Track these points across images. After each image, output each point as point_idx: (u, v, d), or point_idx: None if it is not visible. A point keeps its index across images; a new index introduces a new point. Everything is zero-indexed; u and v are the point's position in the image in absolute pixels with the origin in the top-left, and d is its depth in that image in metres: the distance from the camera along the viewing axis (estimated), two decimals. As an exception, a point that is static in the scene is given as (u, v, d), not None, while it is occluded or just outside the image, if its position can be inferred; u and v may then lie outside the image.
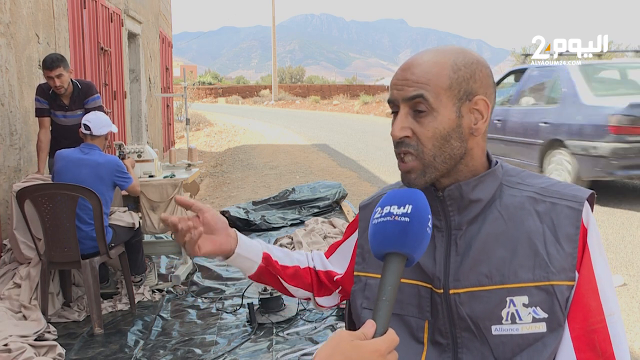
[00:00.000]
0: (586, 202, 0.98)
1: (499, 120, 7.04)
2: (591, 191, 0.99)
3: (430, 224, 0.83)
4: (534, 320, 0.94)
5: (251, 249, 1.16)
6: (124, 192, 3.79)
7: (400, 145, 0.99)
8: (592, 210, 0.99)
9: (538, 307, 0.94)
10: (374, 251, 0.83)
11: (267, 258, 1.18)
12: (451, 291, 0.99)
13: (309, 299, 1.27)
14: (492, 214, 0.99)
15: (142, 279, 3.89)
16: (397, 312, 1.04)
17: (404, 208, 0.82)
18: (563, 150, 5.98)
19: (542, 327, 0.94)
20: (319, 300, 1.26)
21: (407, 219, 0.81)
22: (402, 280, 1.03)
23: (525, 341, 0.94)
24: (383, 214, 0.84)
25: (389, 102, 1.02)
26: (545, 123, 6.25)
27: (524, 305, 0.94)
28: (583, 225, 0.96)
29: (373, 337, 0.75)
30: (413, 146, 0.98)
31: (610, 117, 5.47)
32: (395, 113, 1.02)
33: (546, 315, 0.94)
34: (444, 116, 0.96)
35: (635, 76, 6.58)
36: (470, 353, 0.98)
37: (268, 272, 1.19)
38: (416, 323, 1.03)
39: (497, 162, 1.05)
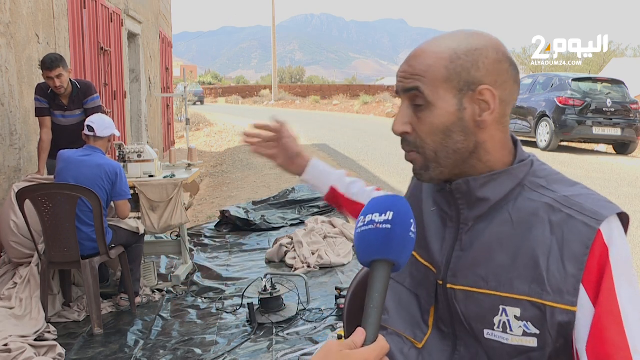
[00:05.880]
0: (611, 221, 0.87)
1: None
2: (618, 209, 0.88)
3: (413, 229, 0.81)
4: (525, 334, 0.89)
5: (320, 179, 1.36)
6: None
7: (402, 141, 0.98)
8: (626, 232, 0.89)
9: (529, 323, 0.89)
10: (360, 259, 0.82)
11: (332, 191, 1.35)
12: (448, 285, 0.97)
13: None
14: (502, 215, 0.93)
15: (137, 293, 3.71)
16: (412, 290, 1.04)
17: (385, 215, 0.80)
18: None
19: (532, 342, 0.89)
20: None
21: (388, 226, 0.80)
22: (417, 256, 1.04)
23: (516, 351, 0.91)
24: (365, 223, 0.82)
25: (396, 92, 1.00)
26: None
27: (515, 317, 0.90)
28: (600, 245, 0.86)
29: (363, 345, 0.74)
30: (413, 143, 0.95)
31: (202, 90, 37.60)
32: None
33: (538, 332, 0.89)
34: (442, 110, 0.92)
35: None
36: (467, 348, 0.97)
37: (335, 201, 1.36)
38: (425, 305, 1.03)
39: (524, 159, 0.96)
